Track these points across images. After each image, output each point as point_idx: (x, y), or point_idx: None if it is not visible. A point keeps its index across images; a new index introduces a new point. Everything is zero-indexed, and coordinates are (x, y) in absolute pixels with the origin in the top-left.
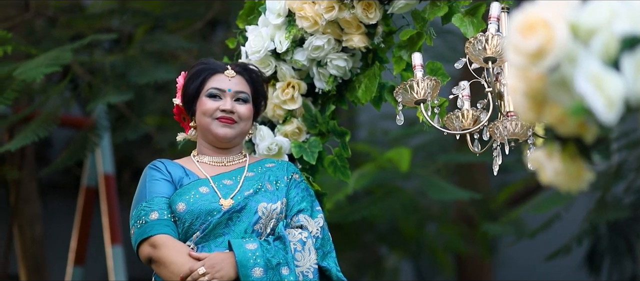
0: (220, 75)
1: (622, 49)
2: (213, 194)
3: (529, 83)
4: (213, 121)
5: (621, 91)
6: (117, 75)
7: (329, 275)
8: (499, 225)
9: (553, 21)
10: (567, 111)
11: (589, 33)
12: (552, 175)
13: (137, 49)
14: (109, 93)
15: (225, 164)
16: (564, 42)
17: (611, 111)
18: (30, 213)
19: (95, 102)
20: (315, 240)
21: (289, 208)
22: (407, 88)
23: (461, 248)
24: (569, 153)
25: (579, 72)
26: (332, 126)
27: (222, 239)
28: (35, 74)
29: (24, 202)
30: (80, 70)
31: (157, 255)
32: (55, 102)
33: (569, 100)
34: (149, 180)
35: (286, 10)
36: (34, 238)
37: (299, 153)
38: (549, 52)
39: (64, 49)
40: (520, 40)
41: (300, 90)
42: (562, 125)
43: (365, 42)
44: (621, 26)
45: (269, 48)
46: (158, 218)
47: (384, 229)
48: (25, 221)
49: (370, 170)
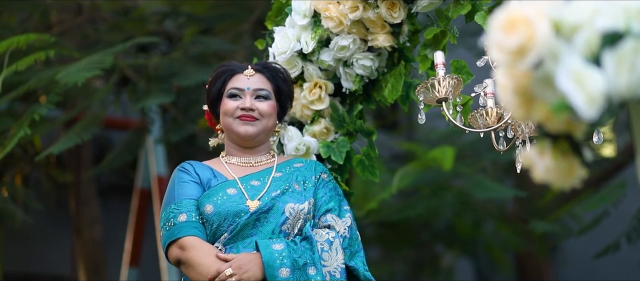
0: (240, 75)
1: (603, 45)
2: (240, 195)
3: (516, 81)
4: (234, 120)
5: (601, 87)
6: (161, 78)
7: (356, 275)
8: (547, 223)
9: (534, 18)
10: (550, 108)
11: (572, 30)
12: (544, 172)
13: (181, 52)
14: (152, 95)
15: (253, 165)
16: (546, 39)
17: (592, 108)
18: (89, 215)
19: (139, 104)
20: (342, 239)
21: (316, 208)
22: (429, 87)
23: (518, 246)
24: (560, 150)
25: (560, 69)
26: (360, 126)
27: (250, 240)
28: (77, 78)
29: (83, 205)
30: (130, 73)
31: (185, 257)
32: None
33: (553, 97)
34: (177, 182)
35: (312, 10)
36: (93, 240)
37: (327, 153)
38: (530, 49)
39: (106, 52)
40: (502, 38)
41: (327, 90)
42: (551, 122)
43: (391, 41)
44: (603, 23)
45: (295, 49)
46: (186, 220)
47: (440, 228)
48: (84, 224)
49: (414, 169)
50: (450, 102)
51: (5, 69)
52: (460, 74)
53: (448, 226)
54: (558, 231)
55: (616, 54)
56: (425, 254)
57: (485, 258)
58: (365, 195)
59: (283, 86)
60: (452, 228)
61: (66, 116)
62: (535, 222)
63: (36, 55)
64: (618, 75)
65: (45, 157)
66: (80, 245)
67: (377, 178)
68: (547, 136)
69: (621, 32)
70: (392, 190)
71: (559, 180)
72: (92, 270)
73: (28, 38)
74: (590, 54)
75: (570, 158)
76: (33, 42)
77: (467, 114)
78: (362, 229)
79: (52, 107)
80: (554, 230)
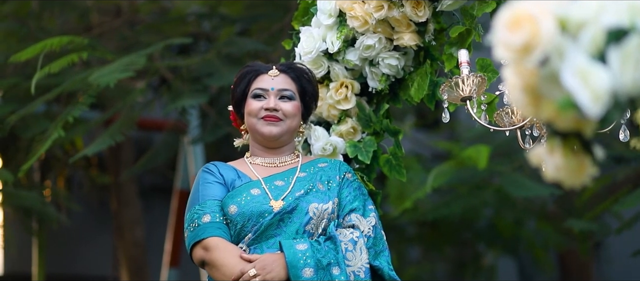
0: (264, 75)
1: (609, 42)
2: (264, 196)
3: (524, 79)
4: (258, 121)
5: (607, 85)
6: (195, 79)
7: (381, 274)
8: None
9: (539, 16)
10: (555, 106)
11: (578, 27)
12: (554, 170)
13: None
14: (186, 96)
15: (278, 165)
16: (551, 36)
17: (597, 105)
18: (131, 216)
19: (172, 105)
20: (367, 239)
21: (341, 208)
22: (453, 85)
23: (560, 244)
24: (570, 148)
25: (565, 67)
26: (386, 125)
27: (274, 240)
28: (109, 79)
29: (124, 206)
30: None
31: (209, 258)
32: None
33: (560, 94)
34: (201, 183)
35: (337, 10)
36: (135, 241)
37: (354, 153)
38: (535, 47)
39: (139, 54)
40: (508, 36)
41: (353, 89)
42: (559, 120)
43: (416, 40)
44: (609, 19)
45: (321, 48)
46: (210, 221)
47: (481, 226)
48: (126, 225)
49: (449, 168)
50: (474, 100)
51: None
52: (485, 72)
53: (489, 225)
54: (595, 229)
55: (621, 51)
56: (467, 253)
57: (527, 256)
58: (401, 194)
59: (307, 86)
60: (493, 227)
61: (101, 117)
62: (573, 220)
63: (69, 57)
64: (623, 72)
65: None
66: (122, 246)
67: (404, 178)
68: (557, 134)
69: (626, 28)
70: (427, 189)
71: (570, 179)
72: (133, 270)
73: (61, 41)
74: (596, 51)
75: (581, 156)
76: (66, 45)
77: (493, 113)
78: (403, 228)
79: (86, 108)
80: (592, 228)
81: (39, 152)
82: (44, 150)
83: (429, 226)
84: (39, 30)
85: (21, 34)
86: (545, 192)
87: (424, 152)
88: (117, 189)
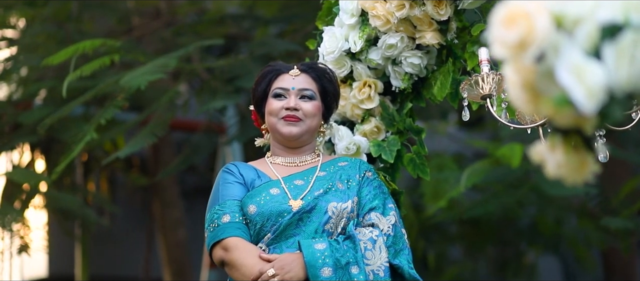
0: (285, 75)
1: (603, 38)
2: (283, 195)
3: (522, 76)
4: (279, 120)
5: (601, 81)
6: (227, 80)
7: (401, 273)
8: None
9: (534, 12)
10: (551, 102)
11: (574, 23)
12: (555, 168)
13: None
14: (218, 97)
15: (298, 164)
16: (546, 32)
17: (591, 101)
18: (173, 218)
19: (204, 106)
20: (386, 238)
21: (360, 207)
22: (473, 84)
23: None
24: (571, 145)
25: (560, 63)
26: (409, 124)
27: (293, 240)
28: (140, 81)
29: (167, 207)
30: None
31: (228, 258)
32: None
33: (556, 91)
34: (221, 183)
35: (359, 10)
36: (178, 243)
37: (378, 152)
38: (530, 43)
39: (171, 56)
40: (503, 33)
41: (376, 89)
42: (558, 117)
43: (438, 39)
44: (605, 15)
45: (344, 48)
46: (230, 221)
47: (523, 225)
48: (168, 226)
49: (484, 166)
50: (495, 98)
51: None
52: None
53: (531, 223)
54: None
55: (616, 47)
56: (509, 252)
57: (570, 255)
58: (436, 193)
59: (328, 86)
60: (534, 226)
61: (136, 119)
62: (609, 218)
63: (101, 60)
64: (618, 68)
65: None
66: (164, 247)
67: (428, 177)
68: (558, 131)
69: (620, 24)
70: (461, 188)
71: (571, 176)
72: (177, 271)
73: (93, 43)
74: (592, 48)
75: (582, 153)
76: (98, 48)
77: (514, 110)
78: (445, 227)
79: (118, 111)
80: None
81: (72, 155)
82: (77, 152)
83: (470, 225)
84: (76, 33)
85: (59, 37)
86: (580, 190)
87: (465, 151)
88: (159, 191)
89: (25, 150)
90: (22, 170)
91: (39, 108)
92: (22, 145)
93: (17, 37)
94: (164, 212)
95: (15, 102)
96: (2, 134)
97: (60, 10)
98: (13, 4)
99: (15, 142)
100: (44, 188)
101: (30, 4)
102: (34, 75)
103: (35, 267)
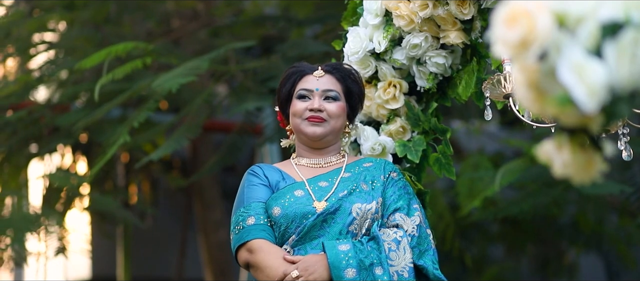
0: (309, 76)
1: (604, 36)
2: (307, 197)
3: (527, 75)
4: (303, 121)
5: (602, 79)
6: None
7: (425, 274)
8: None
9: (535, 11)
10: (553, 101)
11: (576, 22)
12: (562, 167)
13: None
14: (250, 98)
15: (323, 166)
16: (547, 31)
17: (592, 100)
18: (214, 218)
19: (237, 108)
20: (411, 238)
21: (385, 208)
22: (495, 83)
23: None
24: (578, 144)
25: (562, 62)
26: (434, 123)
27: (318, 241)
28: (172, 85)
29: (208, 209)
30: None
31: (253, 260)
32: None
33: (559, 90)
34: (247, 185)
35: (383, 10)
36: (218, 243)
37: (403, 152)
38: (532, 42)
39: (203, 58)
40: (505, 32)
41: (401, 89)
42: (563, 116)
43: (463, 38)
44: (606, 13)
45: (368, 48)
46: (254, 223)
47: (564, 223)
48: (209, 227)
49: (519, 165)
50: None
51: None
52: None
53: (571, 222)
54: None
55: (617, 45)
56: (550, 251)
57: (613, 253)
58: (471, 192)
59: (353, 87)
60: (575, 224)
61: (172, 120)
62: None
63: (133, 63)
64: (620, 66)
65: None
66: (205, 247)
67: (453, 176)
68: (565, 130)
69: (621, 22)
70: (496, 187)
71: (578, 175)
72: (217, 272)
73: (126, 47)
74: (594, 46)
75: (589, 152)
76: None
77: None
78: (486, 226)
79: (151, 113)
80: None
81: (105, 158)
82: (110, 155)
83: (510, 224)
84: (114, 36)
85: (97, 40)
86: (615, 189)
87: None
88: (199, 192)
89: (66, 152)
90: (62, 173)
91: (75, 111)
92: (63, 147)
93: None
94: (204, 213)
95: (53, 105)
96: (41, 137)
97: (98, 13)
98: (53, 5)
99: (53, 144)
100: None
101: (69, 7)
102: (72, 79)
103: (78, 269)
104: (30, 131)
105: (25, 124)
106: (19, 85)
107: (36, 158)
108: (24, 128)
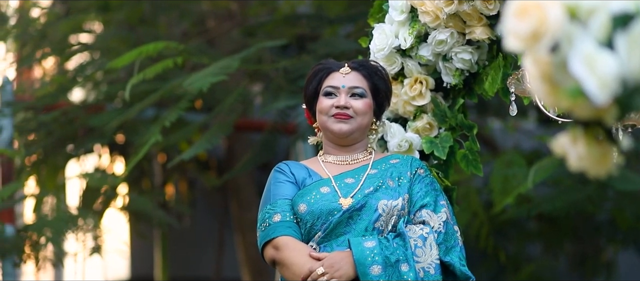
0: (335, 73)
1: (615, 27)
2: (333, 194)
3: (540, 68)
4: (329, 118)
5: (614, 71)
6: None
7: (452, 270)
8: None
9: (546, 3)
10: (565, 94)
11: (588, 13)
12: (577, 160)
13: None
14: (281, 97)
15: (349, 162)
16: (558, 23)
17: (604, 92)
18: (250, 218)
19: (268, 106)
20: (437, 235)
21: (412, 204)
22: (520, 78)
23: None
24: (593, 136)
25: (573, 54)
26: (461, 120)
27: (344, 238)
28: (203, 84)
29: (244, 208)
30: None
31: (279, 257)
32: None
33: (571, 82)
34: (273, 182)
35: (408, 6)
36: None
37: (430, 149)
38: (543, 34)
39: (234, 58)
40: (516, 24)
41: (428, 85)
42: (577, 109)
43: (488, 34)
44: (617, 5)
45: (394, 45)
46: (281, 220)
47: (601, 221)
48: (246, 227)
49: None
50: None
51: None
52: None
53: (609, 219)
54: None
55: (628, 36)
56: (587, 248)
57: None
58: (504, 190)
59: (380, 84)
60: (612, 221)
61: (204, 120)
62: None
63: (164, 63)
64: (631, 58)
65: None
66: (242, 247)
67: (480, 173)
68: (579, 123)
69: (632, 13)
70: (529, 184)
71: (593, 168)
72: (254, 271)
73: (156, 47)
74: (606, 38)
75: (605, 145)
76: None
77: None
78: (523, 224)
79: (184, 112)
80: None
81: (137, 158)
82: (142, 155)
83: (547, 221)
84: (149, 36)
85: (131, 41)
86: None
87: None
88: (236, 191)
89: (103, 153)
90: (97, 173)
91: (109, 111)
92: (100, 148)
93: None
94: (241, 213)
95: (87, 106)
96: (75, 138)
97: (132, 14)
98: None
99: (88, 145)
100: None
101: (103, 8)
102: (107, 79)
103: (117, 269)
104: (65, 132)
105: (61, 124)
106: (55, 86)
107: (74, 159)
108: (59, 129)
